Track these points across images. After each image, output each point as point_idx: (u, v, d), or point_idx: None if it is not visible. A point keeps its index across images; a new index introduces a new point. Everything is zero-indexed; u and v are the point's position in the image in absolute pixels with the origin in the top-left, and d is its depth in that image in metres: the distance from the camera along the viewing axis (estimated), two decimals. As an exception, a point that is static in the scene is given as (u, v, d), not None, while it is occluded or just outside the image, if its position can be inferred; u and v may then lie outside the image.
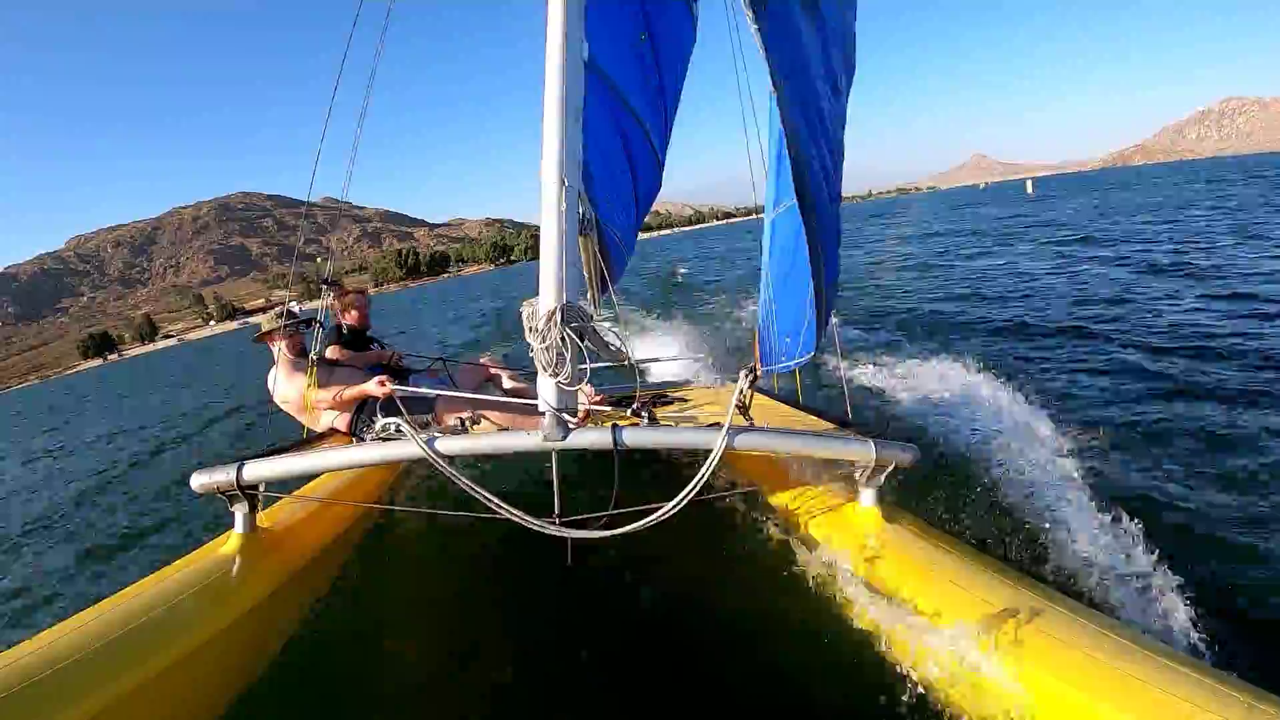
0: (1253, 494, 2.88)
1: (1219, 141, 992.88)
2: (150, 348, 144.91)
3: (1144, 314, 6.67)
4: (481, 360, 3.94)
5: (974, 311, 8.15)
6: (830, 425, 2.54)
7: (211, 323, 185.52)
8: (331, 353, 3.55)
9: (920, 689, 1.64)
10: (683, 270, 22.18)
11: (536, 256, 2.03)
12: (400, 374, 3.68)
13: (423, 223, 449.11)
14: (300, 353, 3.36)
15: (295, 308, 3.34)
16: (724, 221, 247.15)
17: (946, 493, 2.75)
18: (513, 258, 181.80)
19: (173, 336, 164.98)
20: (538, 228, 2.02)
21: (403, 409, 2.80)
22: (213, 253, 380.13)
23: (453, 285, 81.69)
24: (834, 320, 3.08)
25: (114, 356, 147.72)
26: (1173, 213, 17.40)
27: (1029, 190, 49.29)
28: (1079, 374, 5.04)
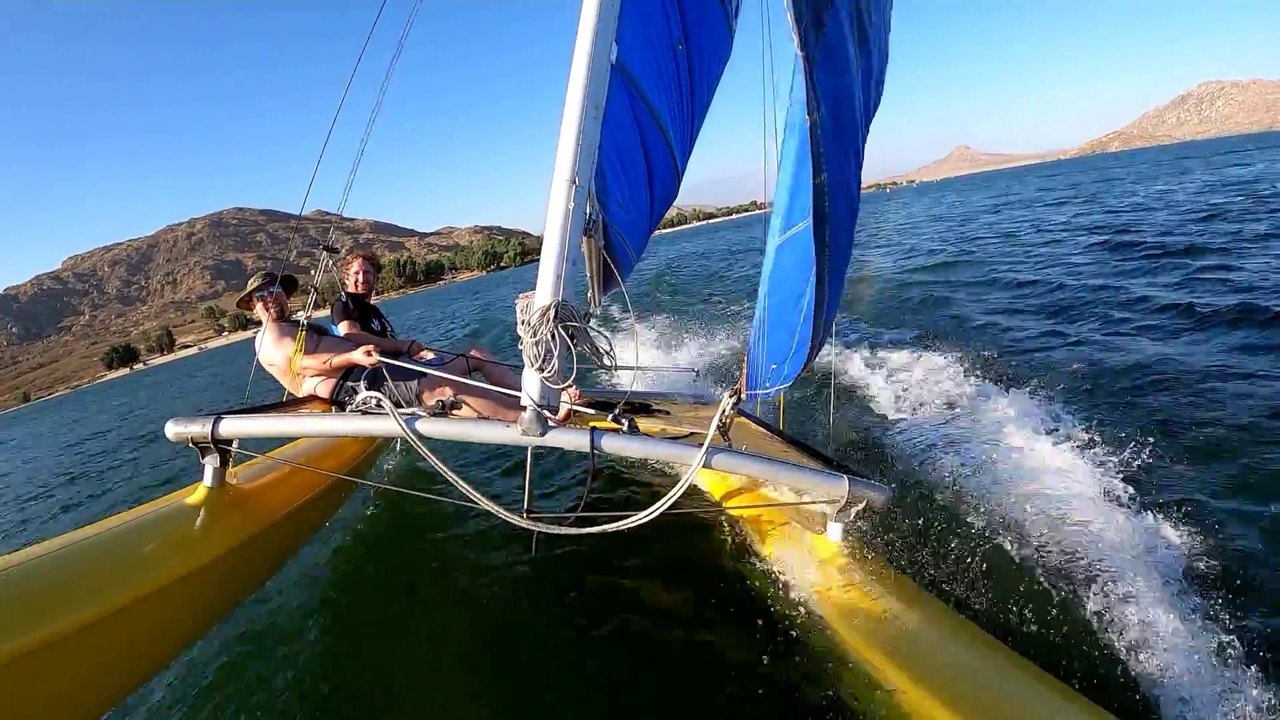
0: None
1: (1198, 125, 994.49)
2: (172, 357, 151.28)
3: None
4: (473, 350, 3.88)
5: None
6: (808, 455, 2.55)
7: (224, 333, 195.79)
8: (344, 328, 3.55)
9: (842, 705, 1.80)
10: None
11: (525, 263, 2.98)
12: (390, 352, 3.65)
13: (413, 232, 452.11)
14: (284, 317, 3.35)
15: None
16: (705, 221, 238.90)
17: (937, 534, 2.61)
18: (502, 264, 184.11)
19: (190, 346, 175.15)
20: (526, 234, 3.45)
21: (388, 378, 2.96)
22: (208, 268, 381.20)
23: (455, 288, 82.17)
24: (825, 346, 2.82)
25: (139, 365, 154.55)
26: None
27: None
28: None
